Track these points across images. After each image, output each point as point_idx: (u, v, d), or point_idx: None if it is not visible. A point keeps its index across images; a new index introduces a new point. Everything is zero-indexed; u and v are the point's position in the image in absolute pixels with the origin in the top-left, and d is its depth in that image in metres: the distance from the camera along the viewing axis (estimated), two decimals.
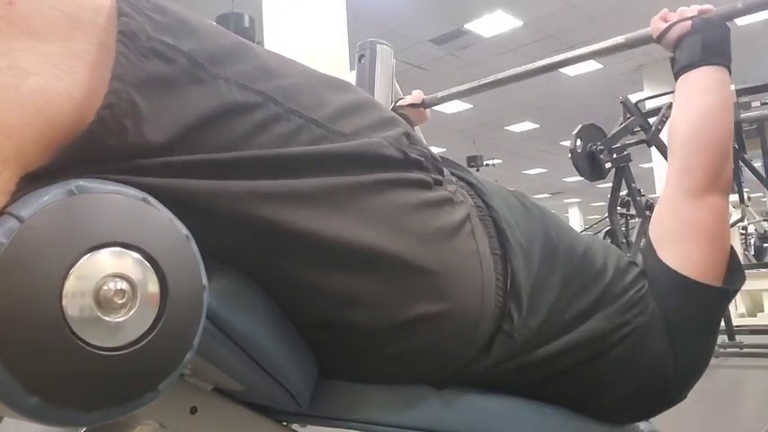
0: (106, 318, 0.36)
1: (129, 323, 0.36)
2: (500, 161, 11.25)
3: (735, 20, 0.91)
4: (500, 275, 0.60)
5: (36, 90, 0.38)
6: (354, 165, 0.51)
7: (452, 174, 0.67)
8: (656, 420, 0.79)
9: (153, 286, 0.38)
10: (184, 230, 0.41)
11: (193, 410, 0.54)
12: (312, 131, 0.50)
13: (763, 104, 4.09)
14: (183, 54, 0.44)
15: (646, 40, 0.97)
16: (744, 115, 4.04)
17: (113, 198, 0.38)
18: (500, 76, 1.25)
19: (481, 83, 1.28)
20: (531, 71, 1.22)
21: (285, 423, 0.62)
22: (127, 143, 0.42)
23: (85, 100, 0.40)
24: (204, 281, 0.41)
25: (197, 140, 0.44)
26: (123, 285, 0.36)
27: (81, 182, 0.38)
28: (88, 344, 0.35)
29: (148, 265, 0.38)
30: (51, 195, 0.37)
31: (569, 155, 4.02)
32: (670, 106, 3.91)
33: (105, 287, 0.36)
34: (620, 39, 1.06)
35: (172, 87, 0.43)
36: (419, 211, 0.54)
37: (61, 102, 0.39)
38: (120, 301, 0.36)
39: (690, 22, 0.87)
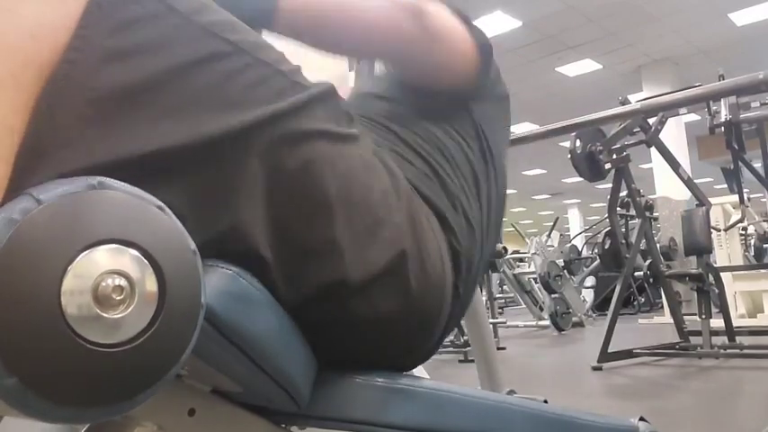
0: (104, 314, 0.36)
1: (128, 320, 0.36)
2: None
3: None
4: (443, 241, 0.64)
5: (29, 16, 0.41)
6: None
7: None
8: (656, 421, 0.79)
9: (151, 283, 0.38)
10: (156, 202, 0.41)
11: (191, 412, 0.54)
12: (279, 81, 0.52)
13: (762, 105, 4.10)
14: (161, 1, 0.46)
15: None
16: (743, 116, 4.05)
17: (124, 198, 0.39)
18: (518, 135, 1.33)
19: None
20: (552, 131, 1.28)
21: (284, 425, 0.62)
22: (99, 82, 0.43)
23: (68, 32, 0.42)
24: (202, 279, 0.41)
25: (167, 86, 0.45)
26: (121, 282, 0.36)
27: (100, 179, 0.39)
28: (86, 340, 0.35)
29: (146, 262, 0.38)
30: (70, 187, 0.38)
31: (569, 155, 4.02)
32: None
33: (104, 283, 0.36)
34: None
35: (143, 30, 0.45)
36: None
37: (50, 31, 0.42)
38: (118, 298, 0.36)
39: None
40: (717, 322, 3.99)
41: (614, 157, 4.03)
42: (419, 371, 1.52)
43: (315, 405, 0.57)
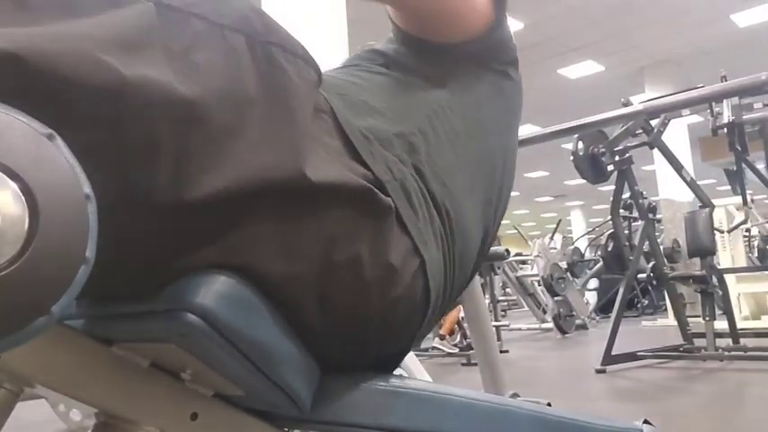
0: None
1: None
2: None
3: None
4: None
5: None
6: None
7: None
8: (661, 424, 0.79)
9: (17, 201, 0.33)
10: (45, 129, 0.36)
11: (194, 417, 0.54)
12: None
13: (765, 106, 4.09)
14: None
15: None
16: (746, 117, 4.05)
17: (7, 121, 0.34)
18: (525, 136, 1.32)
19: None
20: (554, 133, 1.27)
21: (286, 429, 0.62)
22: None
23: None
24: (86, 188, 0.36)
25: None
26: None
27: None
28: None
29: (19, 192, 0.33)
30: None
31: (571, 157, 4.02)
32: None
33: None
34: None
35: None
36: None
37: None
38: None
39: None
40: (721, 324, 3.98)
41: (617, 158, 4.03)
42: (422, 374, 1.52)
43: (317, 409, 0.57)
